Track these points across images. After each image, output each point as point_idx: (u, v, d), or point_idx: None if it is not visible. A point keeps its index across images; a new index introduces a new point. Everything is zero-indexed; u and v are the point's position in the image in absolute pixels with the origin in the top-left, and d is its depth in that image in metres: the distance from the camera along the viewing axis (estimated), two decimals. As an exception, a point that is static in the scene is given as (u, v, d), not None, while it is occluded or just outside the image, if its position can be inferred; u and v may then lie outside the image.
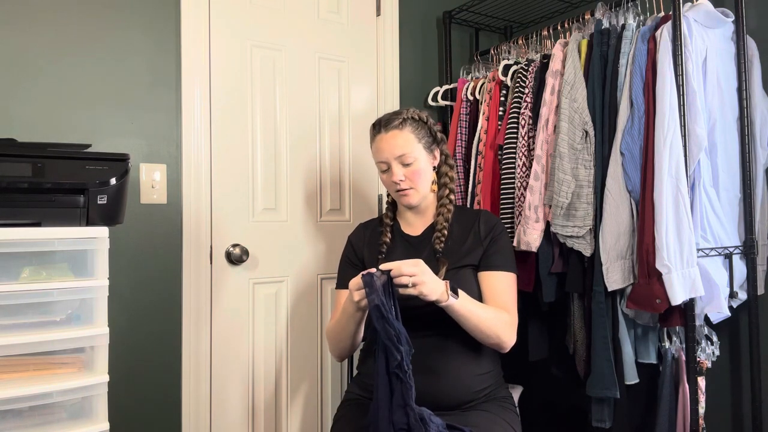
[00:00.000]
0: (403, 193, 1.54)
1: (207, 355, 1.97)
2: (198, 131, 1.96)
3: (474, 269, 1.51)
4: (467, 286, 1.44)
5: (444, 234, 1.53)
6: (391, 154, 1.52)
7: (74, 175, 1.35)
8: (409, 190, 1.53)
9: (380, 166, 1.57)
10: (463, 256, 1.50)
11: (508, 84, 2.07)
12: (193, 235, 1.94)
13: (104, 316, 1.37)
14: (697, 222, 1.65)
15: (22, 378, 1.30)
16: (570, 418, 2.22)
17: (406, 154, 1.52)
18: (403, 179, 1.52)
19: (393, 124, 1.54)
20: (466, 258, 1.50)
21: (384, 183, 1.59)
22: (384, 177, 1.57)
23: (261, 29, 2.11)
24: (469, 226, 1.56)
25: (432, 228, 1.57)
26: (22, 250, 1.30)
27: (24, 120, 1.70)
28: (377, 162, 1.57)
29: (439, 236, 1.52)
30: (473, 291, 1.46)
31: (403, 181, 1.52)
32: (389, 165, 1.53)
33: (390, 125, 1.54)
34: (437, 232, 1.53)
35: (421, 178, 1.53)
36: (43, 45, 1.74)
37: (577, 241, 1.79)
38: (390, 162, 1.53)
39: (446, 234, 1.53)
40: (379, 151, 1.55)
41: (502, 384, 1.54)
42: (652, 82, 1.66)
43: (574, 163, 1.79)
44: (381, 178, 1.60)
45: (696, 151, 1.63)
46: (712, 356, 1.78)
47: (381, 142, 1.55)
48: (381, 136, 1.55)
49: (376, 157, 1.57)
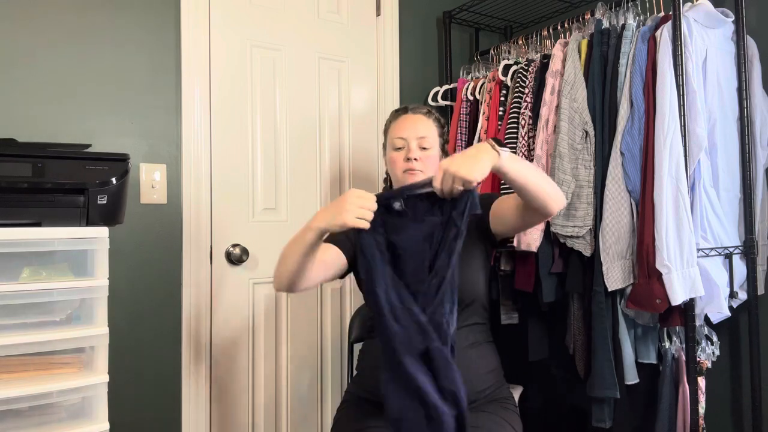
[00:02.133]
0: (412, 173, 1.52)
1: (207, 355, 1.97)
2: (198, 131, 1.96)
3: (482, 252, 1.50)
4: (475, 274, 1.45)
5: None
6: (414, 132, 1.54)
7: (74, 175, 1.35)
8: (418, 171, 1.52)
9: (396, 143, 1.56)
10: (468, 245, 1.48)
11: (508, 84, 2.06)
12: (193, 235, 1.94)
13: (104, 316, 1.37)
14: (697, 222, 1.65)
15: (22, 378, 1.31)
16: (570, 418, 2.22)
17: (427, 138, 1.54)
18: (418, 158, 1.52)
19: (422, 111, 1.59)
20: (471, 248, 1.48)
21: (392, 162, 1.57)
22: (395, 155, 1.56)
23: (261, 29, 2.11)
24: None
25: None
26: (22, 250, 1.30)
27: (24, 120, 1.70)
28: (394, 138, 1.56)
29: None
30: (480, 276, 1.47)
31: (417, 160, 1.52)
32: (407, 143, 1.54)
33: (418, 110, 1.59)
34: None
35: (432, 165, 1.53)
36: (43, 45, 1.73)
37: (577, 241, 1.79)
38: (409, 140, 1.54)
39: None
40: (402, 128, 1.56)
41: (504, 383, 1.54)
42: (652, 82, 1.66)
43: (574, 163, 1.79)
44: (390, 157, 1.58)
45: (696, 151, 1.63)
46: (712, 356, 1.78)
47: (406, 121, 1.57)
48: (407, 116, 1.58)
49: (396, 133, 1.56)
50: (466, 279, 1.44)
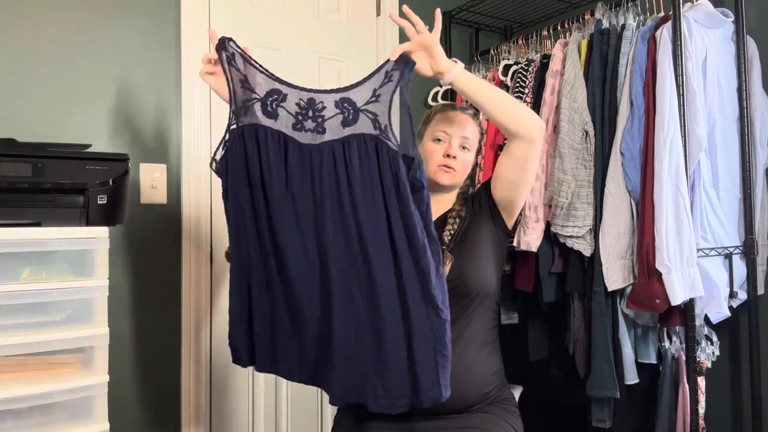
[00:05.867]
0: (447, 170, 1.45)
1: (207, 356, 1.97)
2: (198, 131, 1.96)
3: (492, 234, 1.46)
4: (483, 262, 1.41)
5: (454, 227, 1.46)
6: (461, 130, 1.46)
7: (74, 175, 1.35)
8: (452, 170, 1.46)
9: (439, 135, 1.47)
10: (476, 240, 1.45)
11: (508, 84, 2.07)
12: (193, 235, 1.94)
13: (104, 316, 1.37)
14: (697, 222, 1.65)
15: (22, 378, 1.30)
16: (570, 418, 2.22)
17: (470, 140, 1.47)
18: (457, 157, 1.45)
19: (468, 111, 1.51)
20: (479, 242, 1.46)
21: (429, 153, 1.47)
22: (433, 146, 1.47)
23: (261, 29, 2.11)
24: None
25: (444, 219, 1.54)
26: (22, 250, 1.30)
27: (24, 120, 1.70)
28: (438, 130, 1.47)
29: (449, 228, 1.48)
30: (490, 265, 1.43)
31: (455, 158, 1.45)
32: (450, 139, 1.46)
33: (466, 111, 1.51)
34: (448, 225, 1.49)
35: (465, 170, 1.49)
36: (43, 45, 1.73)
37: (577, 241, 1.79)
38: (453, 136, 1.46)
39: (456, 227, 1.46)
40: (449, 122, 1.47)
41: (506, 384, 1.53)
42: (652, 82, 1.66)
43: (574, 163, 1.79)
44: (427, 148, 1.48)
45: (696, 151, 1.63)
46: (712, 356, 1.78)
47: (456, 116, 1.48)
48: (456, 112, 1.49)
49: (441, 126, 1.48)
50: (476, 271, 1.39)
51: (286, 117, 1.22)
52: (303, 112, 1.22)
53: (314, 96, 1.22)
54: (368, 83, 1.22)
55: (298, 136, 1.22)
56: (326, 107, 1.22)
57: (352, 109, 1.21)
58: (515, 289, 1.99)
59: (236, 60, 1.25)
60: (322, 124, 1.21)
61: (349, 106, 1.21)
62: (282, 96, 1.23)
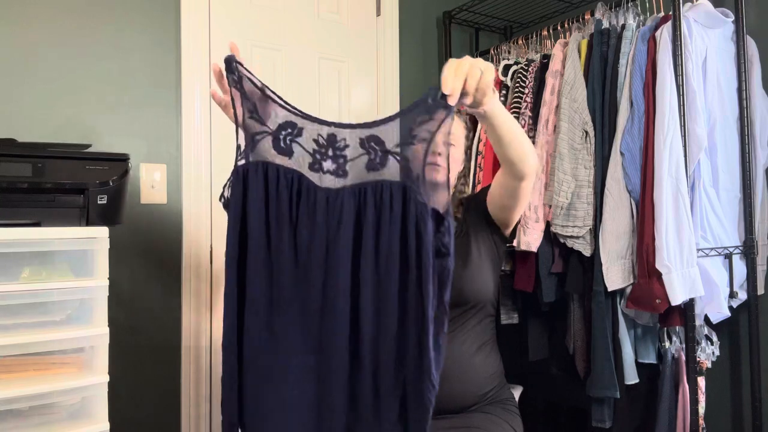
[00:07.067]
0: (434, 167, 1.46)
1: (207, 356, 1.97)
2: (198, 131, 1.96)
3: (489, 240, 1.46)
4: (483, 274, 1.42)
5: None
6: None
7: (74, 175, 1.35)
8: (440, 167, 1.42)
9: None
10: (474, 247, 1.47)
11: (508, 84, 2.06)
12: (193, 235, 1.94)
13: (104, 316, 1.37)
14: (697, 222, 1.65)
15: (22, 378, 1.30)
16: (570, 418, 2.22)
17: (455, 135, 1.47)
18: (442, 153, 1.38)
19: None
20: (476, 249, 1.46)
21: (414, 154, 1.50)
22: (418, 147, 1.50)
23: (261, 29, 2.11)
24: None
25: None
26: (22, 250, 1.30)
27: (24, 120, 1.70)
28: None
29: None
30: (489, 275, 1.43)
31: (440, 155, 1.38)
32: None
33: None
34: None
35: (455, 164, 1.50)
36: (43, 45, 1.73)
37: (577, 241, 1.79)
38: None
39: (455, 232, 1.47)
40: None
41: (505, 384, 1.54)
42: (652, 82, 1.66)
43: (574, 163, 1.79)
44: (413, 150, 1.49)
45: (696, 151, 1.63)
46: (712, 356, 1.78)
47: None
48: None
49: None
50: (474, 278, 1.40)
51: (302, 154, 1.04)
52: (322, 150, 1.03)
53: (335, 131, 1.03)
54: (402, 119, 1.03)
55: (316, 178, 1.03)
56: (349, 145, 1.02)
57: (379, 150, 1.02)
58: (515, 289, 1.99)
59: (244, 84, 1.05)
60: (344, 165, 1.03)
61: (377, 146, 1.02)
62: (297, 130, 1.04)
